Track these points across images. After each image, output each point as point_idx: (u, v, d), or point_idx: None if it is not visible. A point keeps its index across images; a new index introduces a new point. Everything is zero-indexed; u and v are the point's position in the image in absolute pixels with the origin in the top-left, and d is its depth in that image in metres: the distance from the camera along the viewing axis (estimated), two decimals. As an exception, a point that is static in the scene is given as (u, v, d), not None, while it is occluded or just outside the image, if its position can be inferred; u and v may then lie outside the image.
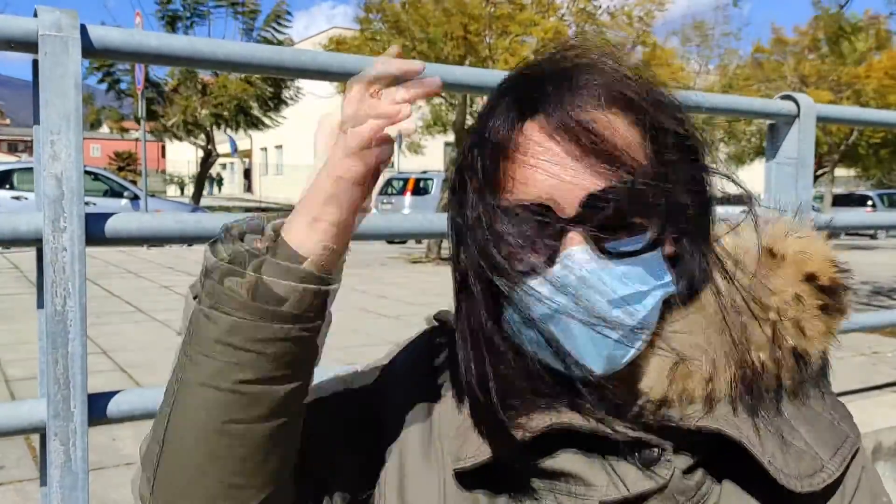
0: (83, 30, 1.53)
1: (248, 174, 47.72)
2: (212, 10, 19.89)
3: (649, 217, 0.66)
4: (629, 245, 0.66)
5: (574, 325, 0.67)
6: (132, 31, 1.67)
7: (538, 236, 0.67)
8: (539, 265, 0.67)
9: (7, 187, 12.91)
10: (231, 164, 48.90)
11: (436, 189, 17.14)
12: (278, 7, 20.11)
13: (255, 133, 24.46)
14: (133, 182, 19.27)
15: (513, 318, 0.70)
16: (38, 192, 1.49)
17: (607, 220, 0.65)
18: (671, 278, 0.70)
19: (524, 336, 0.70)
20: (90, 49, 1.55)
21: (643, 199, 0.66)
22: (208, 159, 22.32)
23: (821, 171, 21.77)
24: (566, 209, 0.66)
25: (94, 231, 1.56)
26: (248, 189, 46.51)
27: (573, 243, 0.66)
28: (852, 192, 27.34)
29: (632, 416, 0.71)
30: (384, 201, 18.21)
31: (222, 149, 27.49)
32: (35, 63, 1.50)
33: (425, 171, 18.51)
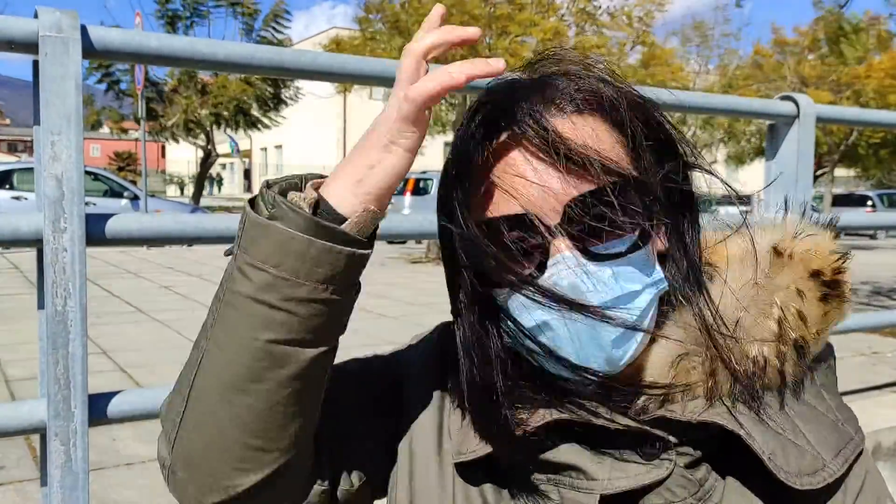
0: (83, 30, 1.53)
1: (248, 174, 47.71)
2: (211, 10, 19.90)
3: (632, 217, 0.67)
4: (615, 246, 0.67)
5: (568, 331, 0.67)
6: (132, 32, 1.67)
7: (524, 247, 0.67)
8: (528, 275, 0.68)
9: (7, 187, 12.91)
10: (231, 164, 48.90)
11: (435, 189, 17.07)
12: (277, 7, 20.12)
13: (255, 133, 24.45)
14: (133, 182, 19.29)
15: (508, 326, 0.71)
16: (38, 193, 1.50)
17: (591, 224, 0.66)
18: (662, 275, 0.71)
19: (521, 344, 0.71)
20: (90, 50, 1.56)
21: (625, 199, 0.66)
22: (208, 159, 22.32)
23: (820, 172, 21.77)
24: (549, 217, 0.66)
25: (95, 231, 1.56)
26: (248, 189, 46.50)
27: (560, 250, 0.66)
28: (852, 192, 27.34)
29: (634, 410, 0.72)
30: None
31: (222, 149, 27.52)
32: (35, 64, 1.50)
33: (425, 172, 18.49)
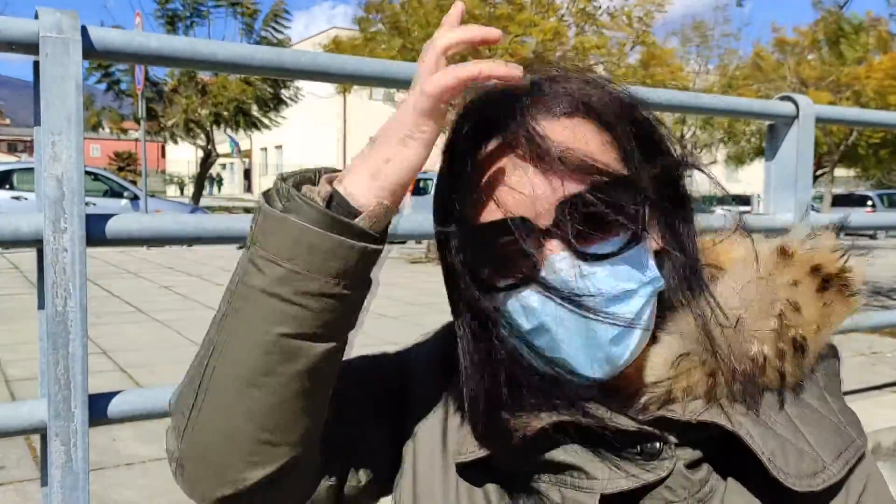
0: (84, 31, 1.53)
1: (248, 174, 47.72)
2: (211, 10, 19.90)
3: (624, 215, 0.67)
4: (608, 246, 0.67)
5: (566, 332, 0.68)
6: (133, 33, 1.67)
7: (518, 250, 0.68)
8: (523, 278, 0.68)
9: (7, 187, 12.91)
10: (231, 164, 48.89)
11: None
12: (276, 6, 20.11)
13: (255, 133, 24.45)
14: (133, 182, 19.28)
15: (507, 330, 0.71)
16: (38, 193, 1.50)
17: (582, 224, 0.66)
18: (658, 273, 0.71)
19: (519, 347, 0.72)
20: (91, 50, 1.56)
21: (615, 198, 0.67)
22: (208, 159, 22.31)
23: (820, 172, 21.76)
24: (541, 220, 0.67)
25: (95, 232, 1.56)
26: (248, 189, 46.51)
27: (553, 251, 0.67)
28: (852, 192, 27.34)
29: (635, 410, 0.72)
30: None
31: (222, 149, 27.51)
32: (36, 64, 1.50)
33: (425, 171, 18.46)
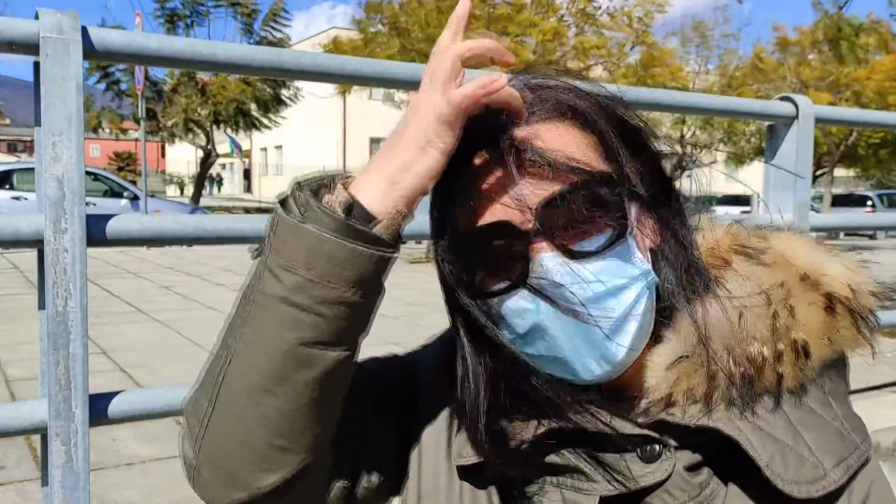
0: (84, 32, 1.53)
1: (247, 174, 47.70)
2: (211, 10, 19.91)
3: (608, 211, 0.68)
4: (595, 242, 0.68)
5: (560, 332, 0.68)
6: (133, 33, 1.68)
7: (507, 254, 0.68)
8: (514, 282, 0.68)
9: (7, 187, 12.92)
10: (231, 164, 48.88)
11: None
12: (275, 6, 20.12)
13: (255, 133, 24.45)
14: (133, 182, 19.27)
15: (504, 335, 0.72)
16: (39, 194, 1.50)
17: (567, 223, 0.67)
18: (650, 268, 0.71)
19: (517, 351, 0.72)
20: (91, 51, 1.56)
21: (597, 195, 0.67)
22: (208, 159, 22.31)
23: (820, 172, 21.76)
24: (526, 223, 0.67)
25: (95, 232, 1.56)
26: (248, 189, 46.49)
27: (540, 252, 0.67)
28: (852, 192, 27.34)
29: (636, 413, 0.73)
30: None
31: (222, 149, 27.49)
32: (36, 65, 1.50)
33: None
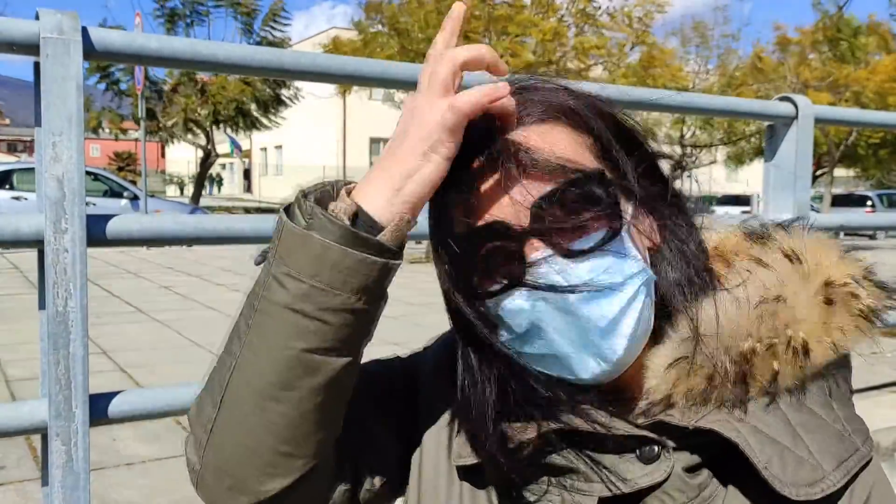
0: (84, 32, 1.53)
1: (247, 174, 47.69)
2: (211, 9, 19.91)
3: (602, 209, 0.68)
4: (589, 241, 0.68)
5: (557, 331, 0.68)
6: (133, 34, 1.68)
7: (502, 255, 0.69)
8: (510, 282, 0.69)
9: (7, 187, 12.92)
10: (231, 164, 48.88)
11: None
12: (275, 6, 20.12)
13: (255, 133, 24.45)
14: (133, 182, 19.28)
15: (502, 337, 0.72)
16: (39, 194, 1.50)
17: (562, 221, 0.67)
18: (645, 266, 0.71)
19: (516, 353, 0.72)
20: (91, 51, 1.56)
21: (588, 193, 0.67)
22: (208, 159, 22.31)
23: (820, 172, 21.77)
24: (520, 223, 0.68)
25: (96, 232, 1.56)
26: (248, 189, 46.49)
27: (535, 251, 0.67)
28: (851, 192, 27.34)
29: (635, 414, 0.73)
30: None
31: (222, 149, 27.49)
32: (37, 65, 1.50)
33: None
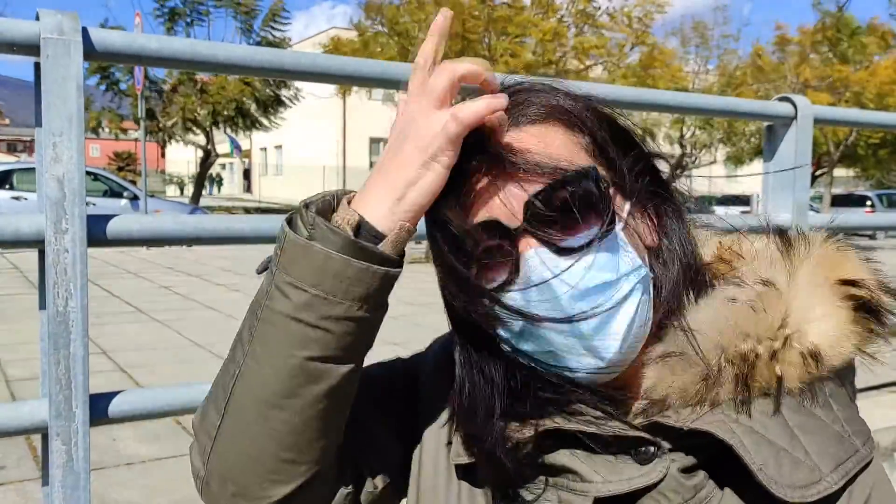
0: (84, 32, 1.53)
1: (247, 174, 47.67)
2: (211, 9, 19.91)
3: (596, 206, 0.68)
4: (582, 238, 0.68)
5: (551, 326, 0.68)
6: (133, 34, 1.68)
7: (496, 253, 0.69)
8: (505, 280, 0.69)
9: (7, 187, 12.92)
10: (230, 164, 48.86)
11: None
12: (275, 6, 20.12)
13: (255, 133, 24.45)
14: (133, 182, 19.28)
15: (499, 335, 0.72)
16: (40, 194, 1.50)
17: (555, 219, 0.68)
18: (640, 263, 0.71)
19: (513, 351, 0.73)
20: (91, 52, 1.56)
21: (580, 190, 0.68)
22: (207, 159, 22.31)
23: (820, 172, 21.78)
24: (514, 221, 0.68)
25: (96, 232, 1.56)
26: (248, 189, 46.46)
27: (528, 248, 0.68)
28: (851, 192, 27.33)
29: (633, 415, 0.73)
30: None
31: (221, 149, 27.48)
32: (37, 66, 1.51)
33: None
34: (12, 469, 3.13)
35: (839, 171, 26.73)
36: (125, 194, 13.90)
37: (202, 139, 22.18)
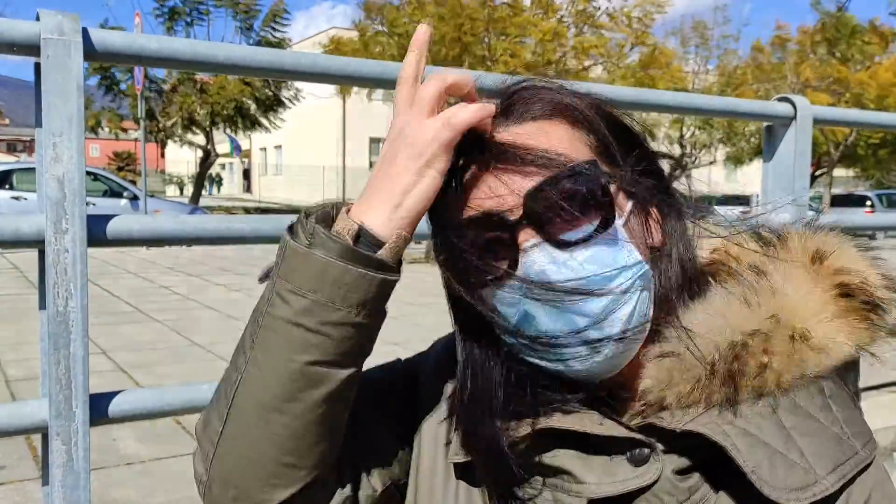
0: (85, 33, 1.54)
1: (247, 174, 47.66)
2: (211, 9, 19.90)
3: (595, 201, 0.69)
4: (581, 232, 0.68)
5: (549, 321, 0.69)
6: (133, 35, 1.68)
7: (495, 246, 0.70)
8: (503, 272, 0.70)
9: (7, 187, 12.92)
10: (230, 164, 48.86)
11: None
12: (276, 6, 20.12)
13: (255, 133, 24.45)
14: (132, 182, 19.27)
15: (498, 329, 0.73)
16: (40, 194, 1.50)
17: (554, 212, 0.68)
18: (640, 259, 0.71)
19: (511, 345, 0.73)
20: (92, 52, 1.56)
21: (580, 185, 0.68)
22: (207, 159, 22.30)
23: (819, 172, 21.79)
24: (513, 215, 0.69)
25: (96, 232, 1.56)
26: (248, 189, 46.47)
27: (526, 241, 0.69)
28: (851, 192, 27.33)
29: (629, 416, 0.73)
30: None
31: (221, 149, 27.48)
32: (37, 66, 1.51)
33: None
34: (12, 469, 3.13)
35: (839, 172, 26.75)
36: (125, 194, 13.90)
37: (202, 139, 22.18)
